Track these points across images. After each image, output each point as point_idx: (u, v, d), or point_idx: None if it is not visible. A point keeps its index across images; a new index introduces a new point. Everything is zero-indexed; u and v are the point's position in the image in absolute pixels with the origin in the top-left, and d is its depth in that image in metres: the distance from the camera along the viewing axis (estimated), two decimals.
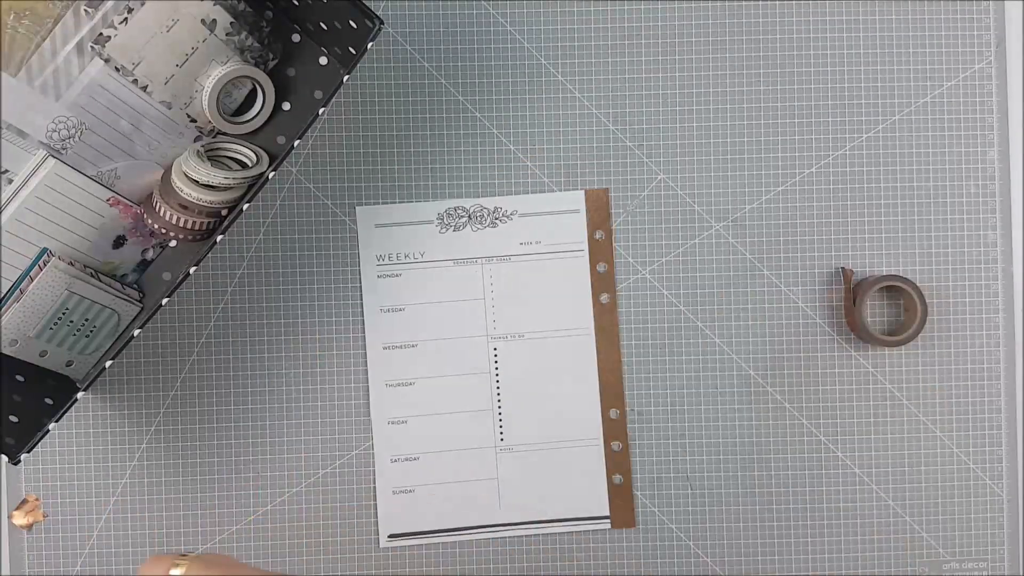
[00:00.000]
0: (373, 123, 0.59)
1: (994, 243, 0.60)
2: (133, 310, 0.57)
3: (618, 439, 0.59)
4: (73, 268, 0.53)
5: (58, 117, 0.51)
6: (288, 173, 0.59)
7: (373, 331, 0.59)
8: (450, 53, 0.59)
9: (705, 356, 0.60)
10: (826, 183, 0.60)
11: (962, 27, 0.60)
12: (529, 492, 0.59)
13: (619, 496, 0.59)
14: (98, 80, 0.51)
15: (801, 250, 0.60)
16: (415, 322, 0.59)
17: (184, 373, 0.59)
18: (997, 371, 0.60)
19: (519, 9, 0.59)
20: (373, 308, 0.59)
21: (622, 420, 0.59)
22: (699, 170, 0.60)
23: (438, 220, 0.59)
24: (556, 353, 0.59)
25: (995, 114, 0.60)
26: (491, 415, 0.59)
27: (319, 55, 0.58)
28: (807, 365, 0.60)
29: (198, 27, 0.52)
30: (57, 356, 0.54)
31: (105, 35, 0.50)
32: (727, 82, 0.60)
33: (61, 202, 0.51)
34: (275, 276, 0.59)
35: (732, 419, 0.60)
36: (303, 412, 0.59)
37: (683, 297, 0.60)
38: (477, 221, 0.59)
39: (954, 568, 0.60)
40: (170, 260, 0.59)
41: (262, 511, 0.59)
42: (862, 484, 0.60)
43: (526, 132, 0.60)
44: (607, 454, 0.59)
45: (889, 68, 0.60)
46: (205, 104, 0.54)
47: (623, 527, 0.59)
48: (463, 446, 0.59)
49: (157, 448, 0.59)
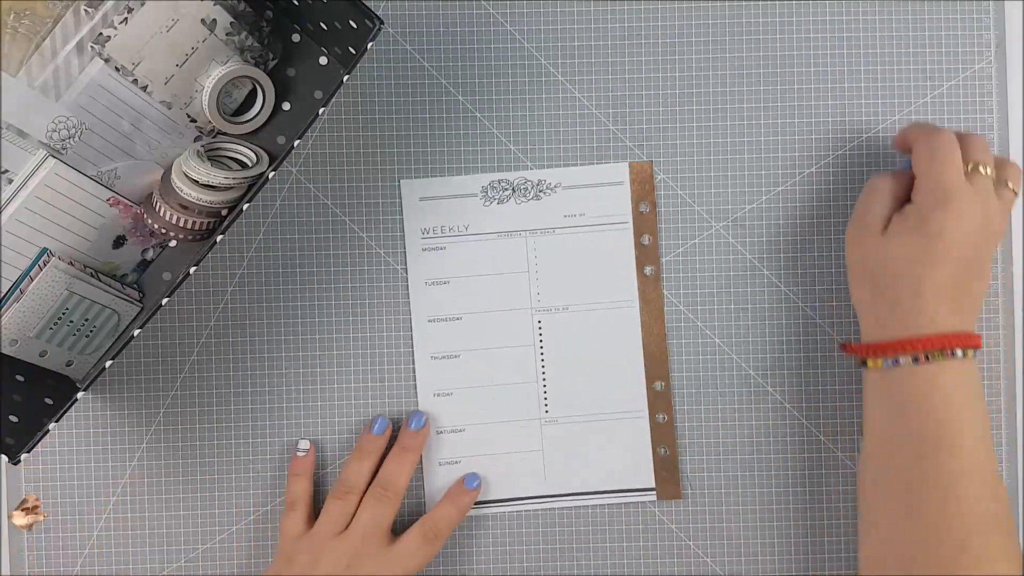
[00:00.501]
0: (373, 123, 0.59)
1: None
2: (133, 310, 0.57)
3: (663, 411, 0.59)
4: (73, 268, 0.53)
5: (58, 117, 0.51)
6: (288, 173, 0.59)
7: (418, 304, 0.59)
8: (450, 53, 0.59)
9: (705, 356, 0.60)
10: (826, 183, 0.60)
11: (962, 27, 0.60)
12: (574, 463, 0.59)
13: (665, 468, 0.59)
14: (98, 80, 0.51)
15: (801, 250, 0.60)
16: (460, 295, 0.59)
17: (184, 373, 0.59)
18: (997, 371, 0.60)
19: (519, 9, 0.59)
20: (418, 281, 0.59)
21: (667, 392, 0.59)
22: (699, 170, 0.60)
23: (482, 193, 0.59)
24: (600, 325, 0.59)
25: (995, 114, 0.60)
26: (536, 387, 0.59)
27: (319, 55, 0.58)
28: (807, 365, 0.60)
29: (198, 27, 0.52)
30: (57, 356, 0.54)
31: (105, 35, 0.50)
32: (727, 82, 0.60)
33: (61, 202, 0.51)
34: (275, 276, 0.59)
35: (732, 419, 0.60)
36: (303, 412, 0.59)
37: (683, 297, 0.60)
38: (521, 194, 0.59)
39: None
40: (170, 260, 0.59)
41: (262, 511, 0.59)
42: None
43: (526, 132, 0.60)
44: (652, 426, 0.59)
45: (889, 68, 0.60)
46: (205, 104, 0.54)
47: (670, 499, 0.59)
48: (508, 418, 0.59)
49: (157, 448, 0.59)
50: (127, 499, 0.59)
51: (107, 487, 0.59)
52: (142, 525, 0.59)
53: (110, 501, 0.59)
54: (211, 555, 0.59)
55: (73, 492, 0.59)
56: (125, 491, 0.59)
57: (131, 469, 0.59)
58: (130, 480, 0.59)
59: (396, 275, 0.59)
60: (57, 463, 0.59)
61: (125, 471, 0.59)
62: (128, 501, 0.59)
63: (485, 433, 0.59)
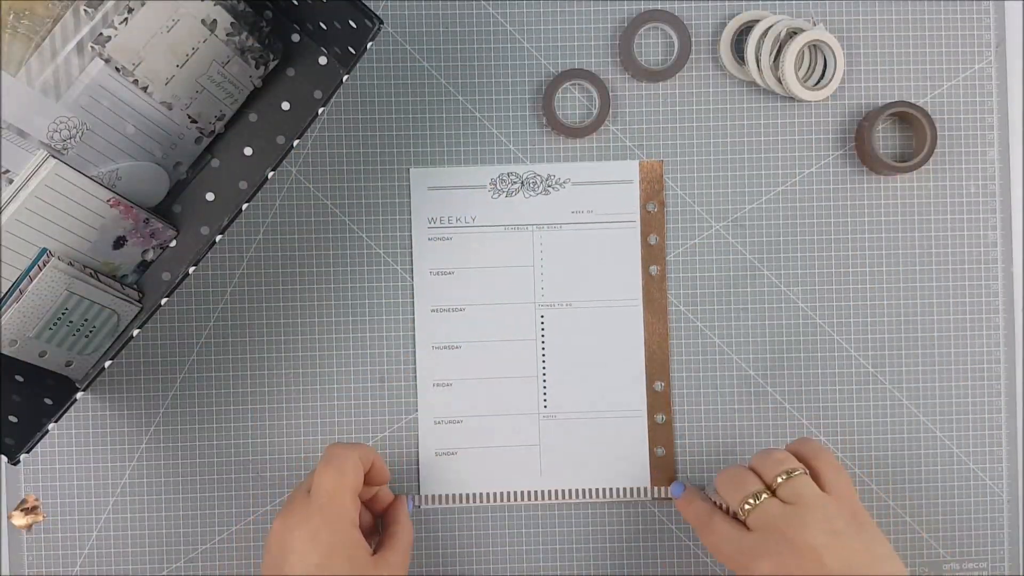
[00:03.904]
0: (373, 123, 0.59)
1: (994, 243, 0.60)
2: (133, 310, 0.57)
3: (662, 411, 0.59)
4: (73, 268, 0.53)
5: (59, 117, 0.51)
6: (288, 173, 0.59)
7: (422, 293, 0.59)
8: (450, 53, 0.59)
9: (705, 356, 0.60)
10: (826, 183, 0.60)
11: (962, 27, 0.60)
12: (571, 459, 0.59)
13: (660, 468, 0.59)
14: (98, 80, 0.51)
15: (801, 250, 0.60)
16: (464, 286, 0.59)
17: (184, 373, 0.59)
18: (997, 371, 0.60)
19: (519, 9, 0.59)
20: (423, 270, 0.59)
21: (667, 392, 0.59)
22: (699, 170, 0.60)
23: (491, 185, 0.59)
24: (603, 323, 0.59)
25: (995, 114, 0.60)
26: (536, 382, 0.59)
27: (319, 55, 0.58)
28: (807, 365, 0.60)
29: (198, 27, 0.52)
30: (56, 356, 0.54)
31: (105, 35, 0.50)
32: (727, 81, 0.60)
33: (61, 202, 0.51)
34: (275, 276, 0.59)
35: (732, 419, 0.60)
36: (304, 412, 0.59)
37: (683, 297, 0.60)
38: (530, 188, 0.59)
39: (954, 568, 0.60)
40: (170, 260, 0.59)
41: (262, 511, 0.59)
42: (862, 484, 0.60)
43: (526, 132, 0.60)
44: (650, 425, 0.59)
45: (889, 68, 0.60)
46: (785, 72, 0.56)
47: (665, 501, 0.59)
48: (506, 411, 0.59)
49: (157, 448, 0.59)
50: (127, 499, 0.59)
51: (107, 487, 0.59)
52: (142, 525, 0.59)
53: (110, 501, 0.59)
54: (211, 555, 0.59)
55: (73, 492, 0.59)
56: (125, 491, 0.59)
57: (131, 469, 0.59)
58: (130, 480, 0.59)
59: (395, 275, 0.59)
60: (57, 463, 0.59)
61: (125, 471, 0.59)
62: (128, 501, 0.59)
63: (483, 425, 0.59)
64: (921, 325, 0.60)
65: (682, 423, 0.60)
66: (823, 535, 0.46)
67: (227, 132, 0.58)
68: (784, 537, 0.47)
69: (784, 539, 0.47)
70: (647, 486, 0.59)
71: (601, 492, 0.59)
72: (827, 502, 0.48)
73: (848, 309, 0.60)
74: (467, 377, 0.59)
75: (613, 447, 0.59)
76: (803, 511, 0.47)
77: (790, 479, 0.49)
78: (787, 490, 0.48)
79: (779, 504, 0.48)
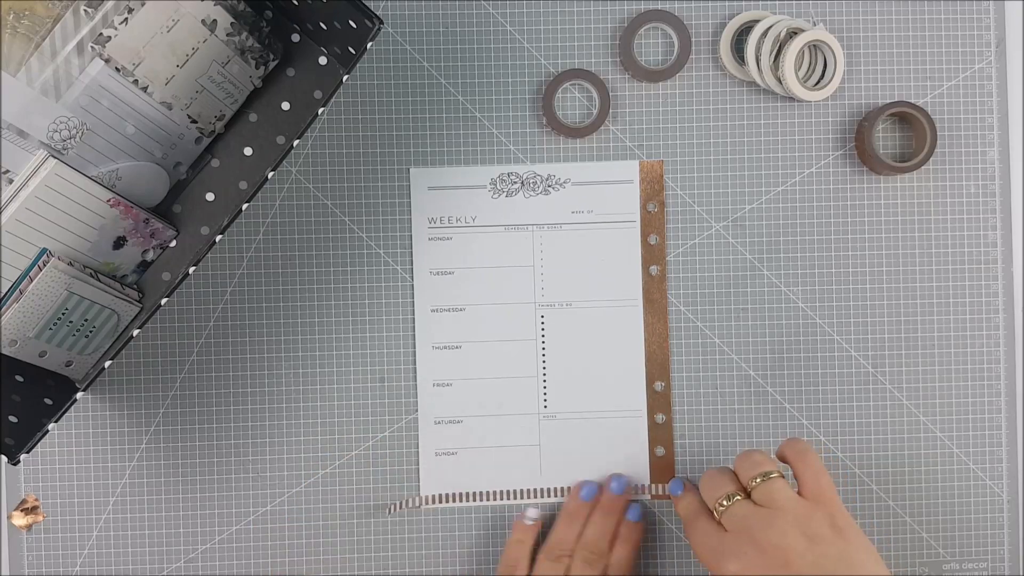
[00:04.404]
0: (373, 123, 0.59)
1: (994, 243, 0.60)
2: (133, 310, 0.57)
3: (662, 411, 0.59)
4: (73, 268, 0.53)
5: (59, 117, 0.51)
6: (288, 173, 0.59)
7: (422, 293, 0.59)
8: (450, 53, 0.59)
9: (705, 356, 0.60)
10: (826, 183, 0.60)
11: (962, 27, 0.60)
12: (571, 459, 0.59)
13: (660, 468, 0.59)
14: (99, 80, 0.51)
15: (801, 250, 0.60)
16: (464, 286, 0.59)
17: (184, 373, 0.59)
18: (997, 371, 0.60)
19: (519, 9, 0.59)
20: (423, 270, 0.59)
21: (667, 392, 0.59)
22: (699, 170, 0.60)
23: (491, 185, 0.59)
24: (603, 323, 0.59)
25: (995, 114, 0.60)
26: (536, 382, 0.59)
27: (319, 55, 0.58)
28: (807, 365, 0.60)
29: (198, 27, 0.52)
30: (56, 356, 0.54)
31: (105, 35, 0.50)
32: (727, 81, 0.60)
33: (61, 202, 0.51)
34: (275, 276, 0.59)
35: (732, 419, 0.60)
36: (304, 411, 0.59)
37: (683, 297, 0.60)
38: (530, 188, 0.59)
39: (954, 568, 0.60)
40: (170, 260, 0.59)
41: (262, 511, 0.59)
42: (862, 484, 0.60)
43: (526, 132, 0.60)
44: (650, 425, 0.59)
45: (889, 68, 0.60)
46: (785, 72, 0.56)
47: (664, 499, 0.59)
48: (507, 411, 0.59)
49: (157, 448, 0.59)
50: (127, 499, 0.59)
51: (107, 487, 0.59)
52: (142, 525, 0.59)
53: (110, 501, 0.59)
54: (211, 555, 0.59)
55: (73, 492, 0.59)
56: (125, 491, 0.59)
57: (131, 469, 0.59)
58: (130, 480, 0.59)
59: (395, 275, 0.59)
60: (57, 463, 0.59)
61: (125, 471, 0.59)
62: (128, 501, 0.59)
63: (483, 425, 0.59)
64: (921, 325, 0.60)
65: (682, 423, 0.60)
66: (792, 538, 0.46)
67: (227, 132, 0.58)
68: (751, 538, 0.47)
69: (751, 540, 0.47)
70: (647, 486, 0.59)
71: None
72: (799, 505, 0.48)
73: (848, 309, 0.60)
74: (467, 377, 0.59)
75: (613, 447, 0.59)
76: (773, 513, 0.47)
77: (765, 481, 0.49)
78: (760, 492, 0.49)
79: (750, 505, 0.49)
